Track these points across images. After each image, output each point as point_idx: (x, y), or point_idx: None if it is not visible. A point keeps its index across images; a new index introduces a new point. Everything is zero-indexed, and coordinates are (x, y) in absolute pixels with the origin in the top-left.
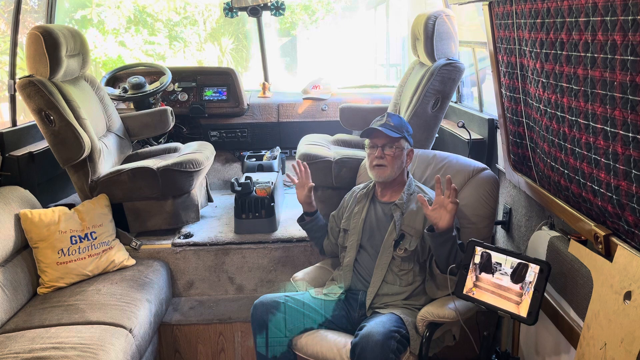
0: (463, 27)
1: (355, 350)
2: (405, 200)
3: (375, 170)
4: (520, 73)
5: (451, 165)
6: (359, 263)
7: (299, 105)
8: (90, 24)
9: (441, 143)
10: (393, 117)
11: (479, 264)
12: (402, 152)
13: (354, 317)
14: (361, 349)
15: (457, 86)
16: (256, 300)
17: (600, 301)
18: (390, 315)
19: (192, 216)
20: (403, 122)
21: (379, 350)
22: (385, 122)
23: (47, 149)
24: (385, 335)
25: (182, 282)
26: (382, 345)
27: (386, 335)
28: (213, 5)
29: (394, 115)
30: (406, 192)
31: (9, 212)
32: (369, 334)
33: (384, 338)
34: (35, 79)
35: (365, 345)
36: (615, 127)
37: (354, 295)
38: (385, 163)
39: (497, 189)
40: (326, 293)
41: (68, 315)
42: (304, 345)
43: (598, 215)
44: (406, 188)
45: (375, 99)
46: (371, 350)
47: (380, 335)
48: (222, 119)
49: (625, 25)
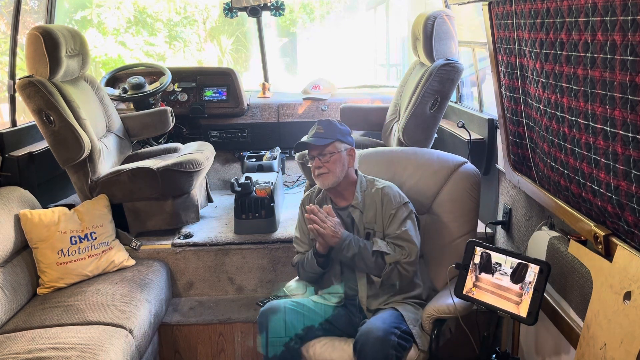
0: (463, 27)
1: (356, 346)
2: (361, 199)
3: (319, 180)
4: (520, 73)
5: (431, 161)
6: (342, 273)
7: (299, 106)
8: (90, 25)
9: (441, 143)
10: (322, 122)
11: (479, 264)
12: (339, 155)
13: (356, 322)
14: (362, 344)
15: (455, 86)
16: (262, 308)
17: (600, 301)
18: (391, 311)
19: (192, 216)
20: (333, 124)
21: (379, 345)
22: (316, 131)
23: (47, 150)
24: (385, 330)
25: (182, 282)
26: (382, 341)
27: (386, 331)
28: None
29: (323, 121)
30: (359, 191)
31: (9, 213)
32: (369, 330)
33: (384, 333)
34: (35, 80)
35: (365, 341)
36: (615, 127)
37: (352, 301)
38: (326, 170)
39: (478, 181)
40: (325, 297)
41: (68, 315)
42: (314, 354)
43: (598, 216)
44: (358, 187)
45: (375, 99)
46: (372, 345)
47: (379, 330)
48: (222, 119)
49: (625, 26)
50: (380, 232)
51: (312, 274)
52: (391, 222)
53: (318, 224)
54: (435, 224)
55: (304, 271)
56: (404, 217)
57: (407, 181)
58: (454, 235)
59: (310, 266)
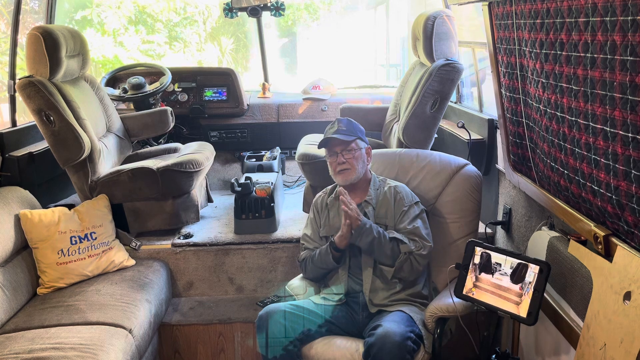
0: (463, 27)
1: (371, 350)
2: (374, 195)
3: (341, 175)
4: (520, 73)
5: (433, 163)
6: (349, 267)
7: (299, 106)
8: (90, 25)
9: (441, 143)
10: (342, 121)
11: (479, 264)
12: (360, 152)
13: (359, 320)
14: (378, 349)
15: (455, 87)
16: (261, 311)
17: (600, 301)
18: (401, 313)
19: (192, 216)
20: (353, 123)
21: (397, 351)
22: (338, 128)
23: (47, 150)
24: (402, 336)
25: (182, 282)
26: (400, 346)
27: (403, 336)
28: (213, 5)
29: (343, 120)
30: (373, 188)
31: (9, 213)
32: (386, 335)
33: (402, 339)
34: (35, 80)
35: (382, 346)
36: (615, 128)
37: (354, 298)
38: (348, 166)
39: (480, 183)
40: (325, 297)
41: (68, 315)
42: (315, 354)
43: (598, 216)
44: (372, 184)
45: (375, 99)
46: (388, 351)
47: (397, 336)
48: (222, 120)
49: (625, 26)
50: (392, 227)
51: (321, 269)
52: (403, 218)
53: (347, 206)
54: (437, 225)
55: (312, 266)
56: (415, 215)
57: (410, 182)
58: (455, 236)
59: (322, 261)
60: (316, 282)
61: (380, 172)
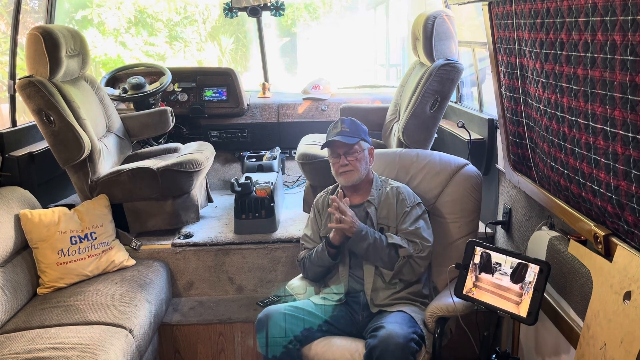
0: (463, 27)
1: (374, 352)
2: (377, 196)
3: (343, 176)
4: (520, 73)
5: (433, 163)
6: (350, 266)
7: (299, 106)
8: (90, 25)
9: (441, 143)
10: (346, 121)
11: (479, 264)
12: (363, 153)
13: (359, 320)
14: (381, 351)
15: (455, 86)
16: (260, 314)
17: (600, 301)
18: (402, 314)
19: (192, 216)
20: (356, 124)
21: (400, 353)
22: (341, 129)
23: (47, 149)
24: (405, 337)
25: (182, 282)
26: (403, 348)
27: (407, 338)
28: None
29: (346, 120)
30: (375, 189)
31: (9, 213)
32: (389, 336)
33: (405, 341)
34: (35, 80)
35: (385, 348)
36: (615, 127)
37: (355, 297)
38: (351, 168)
39: (480, 183)
40: (325, 297)
41: (68, 315)
42: (315, 355)
43: (598, 216)
44: (374, 185)
45: (375, 99)
46: (392, 352)
47: (400, 338)
48: (222, 119)
49: (625, 26)
50: (393, 227)
51: (319, 267)
52: (405, 218)
53: (342, 212)
54: (437, 225)
55: (310, 265)
56: (417, 216)
57: (410, 182)
58: (455, 236)
59: (319, 258)
60: (316, 282)
61: (380, 172)
